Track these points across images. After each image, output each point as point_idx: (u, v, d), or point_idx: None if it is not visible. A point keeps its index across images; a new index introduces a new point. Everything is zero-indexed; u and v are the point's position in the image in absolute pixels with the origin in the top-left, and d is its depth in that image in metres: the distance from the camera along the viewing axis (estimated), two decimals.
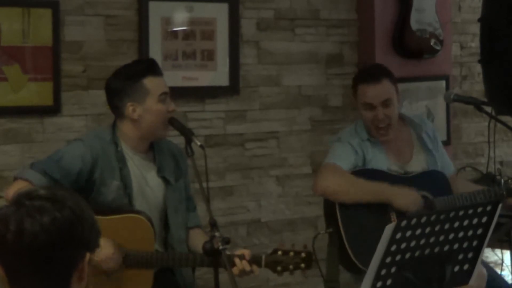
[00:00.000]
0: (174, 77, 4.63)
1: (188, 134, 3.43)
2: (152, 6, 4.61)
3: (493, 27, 4.29)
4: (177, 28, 4.72)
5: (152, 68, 3.58)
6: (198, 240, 3.57)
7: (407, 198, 3.81)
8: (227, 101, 4.91)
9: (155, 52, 4.58)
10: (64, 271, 1.97)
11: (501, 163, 5.84)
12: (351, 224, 3.85)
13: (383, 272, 2.51)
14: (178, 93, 4.70)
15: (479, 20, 4.41)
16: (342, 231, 3.84)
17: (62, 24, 4.39)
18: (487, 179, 5.34)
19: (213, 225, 3.04)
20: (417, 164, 4.08)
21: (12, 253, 1.94)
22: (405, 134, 4.12)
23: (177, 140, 3.71)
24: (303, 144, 5.16)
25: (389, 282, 2.53)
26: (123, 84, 3.56)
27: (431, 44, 5.27)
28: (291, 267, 3.46)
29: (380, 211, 3.85)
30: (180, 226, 3.68)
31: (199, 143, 3.36)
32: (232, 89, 4.89)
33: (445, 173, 4.08)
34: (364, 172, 3.91)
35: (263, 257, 3.46)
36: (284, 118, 5.09)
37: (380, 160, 3.99)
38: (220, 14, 4.82)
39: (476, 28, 5.00)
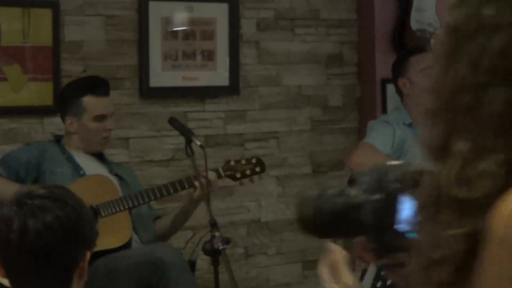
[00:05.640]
0: (174, 77, 4.63)
1: (188, 134, 3.44)
2: (152, 6, 4.60)
3: None
4: (177, 28, 4.71)
5: (93, 88, 3.77)
6: (167, 218, 3.79)
7: None
8: (227, 101, 4.90)
9: (155, 52, 4.58)
10: (65, 269, 1.98)
11: None
12: None
13: (383, 272, 2.51)
14: (178, 93, 4.72)
15: None
16: None
17: (62, 24, 4.39)
18: None
19: (213, 225, 3.05)
20: None
21: (16, 253, 1.95)
22: None
23: (177, 140, 3.72)
24: (303, 144, 5.16)
25: (389, 282, 2.53)
26: (66, 98, 3.84)
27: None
28: (248, 172, 3.81)
29: None
30: (140, 218, 3.78)
31: (199, 143, 3.37)
32: (232, 89, 4.89)
33: None
34: None
35: (220, 168, 3.73)
36: (284, 118, 5.09)
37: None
38: (220, 14, 4.81)
39: None
